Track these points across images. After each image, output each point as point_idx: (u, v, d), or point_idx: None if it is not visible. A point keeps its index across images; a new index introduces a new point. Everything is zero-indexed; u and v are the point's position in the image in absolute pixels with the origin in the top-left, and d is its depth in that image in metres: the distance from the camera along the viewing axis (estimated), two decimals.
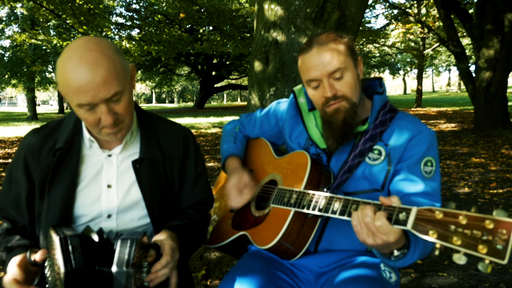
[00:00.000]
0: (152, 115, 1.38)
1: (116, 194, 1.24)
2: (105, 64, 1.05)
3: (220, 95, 76.43)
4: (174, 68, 31.44)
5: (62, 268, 0.94)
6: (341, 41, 1.29)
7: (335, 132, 1.32)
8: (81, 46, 1.06)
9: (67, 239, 0.97)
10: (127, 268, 0.99)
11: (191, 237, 1.31)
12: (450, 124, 12.46)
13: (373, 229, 0.99)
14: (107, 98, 1.06)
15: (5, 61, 21.96)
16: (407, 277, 2.63)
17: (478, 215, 0.83)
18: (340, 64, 1.25)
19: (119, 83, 1.08)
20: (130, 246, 1.00)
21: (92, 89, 1.03)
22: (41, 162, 1.21)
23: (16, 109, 46.37)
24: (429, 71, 56.34)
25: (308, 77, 1.30)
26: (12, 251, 1.14)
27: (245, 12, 19.67)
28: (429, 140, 1.29)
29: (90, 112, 1.09)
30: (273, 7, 2.61)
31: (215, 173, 5.91)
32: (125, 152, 1.28)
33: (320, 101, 1.32)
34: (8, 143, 10.33)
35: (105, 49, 1.07)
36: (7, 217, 1.25)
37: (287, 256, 1.33)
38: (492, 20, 8.60)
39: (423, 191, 1.24)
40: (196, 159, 1.39)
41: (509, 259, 0.77)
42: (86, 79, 1.02)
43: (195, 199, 1.39)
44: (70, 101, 1.09)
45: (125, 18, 19.10)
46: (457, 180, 5.28)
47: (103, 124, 1.12)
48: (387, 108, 1.37)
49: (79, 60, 1.03)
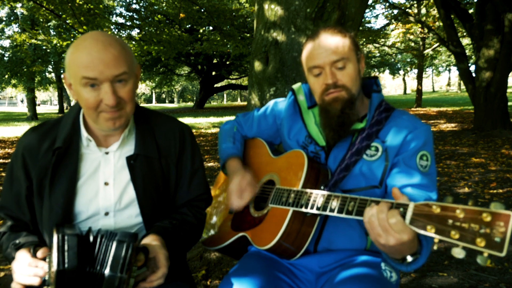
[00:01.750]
0: (148, 110, 1.37)
1: (113, 191, 1.24)
2: (118, 47, 1.12)
3: (220, 95, 76.44)
4: (174, 68, 31.43)
5: (55, 266, 0.94)
6: (347, 34, 1.34)
7: (331, 121, 1.33)
8: (96, 32, 1.15)
9: (64, 237, 0.97)
10: (121, 274, 0.96)
11: (179, 240, 1.27)
12: (450, 124, 12.47)
13: (386, 226, 0.97)
14: (115, 75, 1.10)
15: (5, 61, 21.94)
16: (407, 277, 2.63)
17: (475, 209, 0.83)
18: (344, 55, 1.30)
19: (128, 66, 1.14)
20: (126, 250, 0.98)
21: (102, 65, 1.08)
22: (39, 160, 1.21)
23: (16, 109, 46.38)
24: (429, 71, 56.35)
25: (312, 64, 1.33)
26: (21, 248, 1.14)
27: (245, 12, 19.67)
28: (425, 135, 1.31)
29: (93, 92, 1.11)
30: (273, 7, 2.61)
31: (215, 173, 5.91)
32: (122, 149, 1.27)
33: (320, 89, 1.34)
34: (8, 143, 10.33)
35: (119, 38, 1.17)
36: (10, 214, 1.25)
37: (287, 256, 1.33)
38: (492, 20, 8.60)
39: (419, 183, 1.24)
40: (193, 155, 1.37)
41: (508, 258, 0.77)
42: (98, 54, 1.08)
43: (191, 196, 1.37)
44: (76, 78, 1.11)
45: (125, 18, 19.10)
46: (457, 180, 5.28)
47: (103, 107, 1.12)
48: (382, 107, 1.38)
49: (94, 39, 1.10)
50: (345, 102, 1.31)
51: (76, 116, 1.27)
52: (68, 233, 0.98)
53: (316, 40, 1.34)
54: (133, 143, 1.29)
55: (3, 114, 30.73)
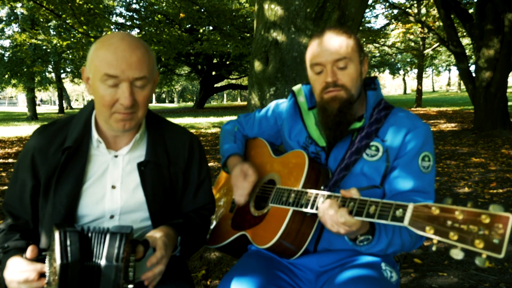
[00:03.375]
0: (160, 119, 1.39)
1: (120, 195, 1.24)
2: (143, 50, 1.14)
3: (220, 95, 76.42)
4: (174, 68, 31.42)
5: (58, 260, 0.95)
6: (352, 35, 1.35)
7: (328, 119, 1.34)
8: (124, 32, 1.17)
9: (66, 233, 0.99)
10: (117, 262, 0.99)
11: (190, 235, 1.31)
12: (450, 124, 12.47)
13: (336, 221, 1.08)
14: (136, 77, 1.11)
15: (5, 61, 21.92)
16: (407, 277, 2.63)
17: (474, 210, 0.83)
18: (346, 55, 1.30)
19: (149, 71, 1.15)
20: (120, 240, 1.01)
21: (125, 64, 1.10)
22: (49, 159, 1.21)
23: (16, 109, 46.38)
24: (429, 71, 56.31)
25: (314, 61, 1.34)
26: (8, 252, 1.14)
27: (245, 12, 19.66)
28: (424, 135, 1.31)
29: (111, 89, 1.11)
30: (273, 7, 2.61)
31: (215, 173, 5.91)
32: (131, 153, 1.28)
33: (320, 87, 1.35)
34: (8, 143, 10.33)
35: (144, 42, 1.18)
36: (11, 211, 1.26)
37: (287, 255, 1.33)
38: (492, 20, 8.60)
39: (419, 188, 1.26)
40: (201, 165, 1.40)
41: (508, 258, 0.77)
42: (123, 53, 1.10)
43: (197, 205, 1.39)
44: (97, 73, 1.12)
45: (125, 18, 19.08)
46: (457, 180, 5.28)
47: (117, 108, 1.13)
48: (382, 105, 1.38)
49: (121, 39, 1.12)
50: (343, 101, 1.32)
51: (89, 117, 1.27)
52: (69, 229, 1.00)
53: (321, 38, 1.35)
54: (143, 148, 1.30)
55: (3, 114, 30.72)
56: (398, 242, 1.21)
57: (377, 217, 1.01)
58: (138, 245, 1.09)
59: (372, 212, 1.03)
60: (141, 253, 1.09)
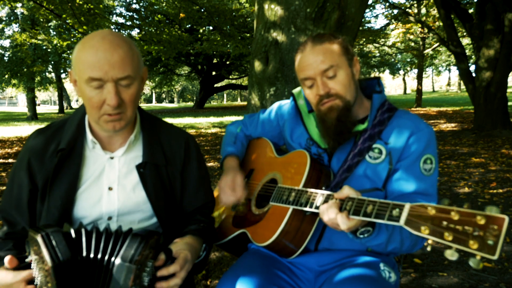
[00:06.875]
0: (155, 119, 1.38)
1: (117, 196, 1.24)
2: (125, 48, 1.11)
3: (220, 95, 76.44)
4: (174, 68, 31.44)
5: (50, 262, 0.94)
6: (334, 41, 1.32)
7: (329, 130, 1.34)
8: (106, 30, 1.14)
9: (49, 235, 0.98)
10: (130, 263, 0.99)
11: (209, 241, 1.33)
12: (450, 124, 12.47)
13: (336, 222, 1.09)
14: (119, 77, 1.09)
15: (5, 61, 21.91)
16: (407, 277, 2.63)
17: (469, 211, 0.83)
18: (332, 62, 1.28)
19: (133, 70, 1.12)
20: (139, 242, 1.01)
21: (107, 65, 1.07)
22: (45, 164, 1.21)
23: (16, 109, 46.39)
24: (429, 71, 56.34)
25: (303, 76, 1.34)
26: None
27: (245, 12, 19.67)
28: (427, 138, 1.31)
29: (98, 91, 1.10)
30: (273, 7, 2.61)
31: (215, 173, 5.92)
32: (127, 154, 1.28)
33: (315, 100, 1.35)
34: (8, 143, 10.33)
35: (127, 39, 1.15)
36: (7, 218, 1.24)
37: (286, 253, 1.34)
38: (492, 20, 8.59)
39: (420, 191, 1.26)
40: (198, 164, 1.40)
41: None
42: (104, 55, 1.07)
43: (198, 204, 1.40)
44: (81, 76, 1.11)
45: (125, 18, 19.07)
46: (457, 180, 5.28)
47: (105, 109, 1.12)
48: (385, 107, 1.38)
49: (102, 38, 1.09)
50: (340, 110, 1.31)
51: (82, 118, 1.27)
52: (49, 231, 1.00)
53: (304, 51, 1.33)
54: (139, 149, 1.29)
55: (3, 114, 30.73)
56: (398, 238, 1.20)
57: (374, 216, 1.01)
58: (161, 253, 1.08)
59: (369, 211, 1.04)
60: (162, 261, 1.08)
